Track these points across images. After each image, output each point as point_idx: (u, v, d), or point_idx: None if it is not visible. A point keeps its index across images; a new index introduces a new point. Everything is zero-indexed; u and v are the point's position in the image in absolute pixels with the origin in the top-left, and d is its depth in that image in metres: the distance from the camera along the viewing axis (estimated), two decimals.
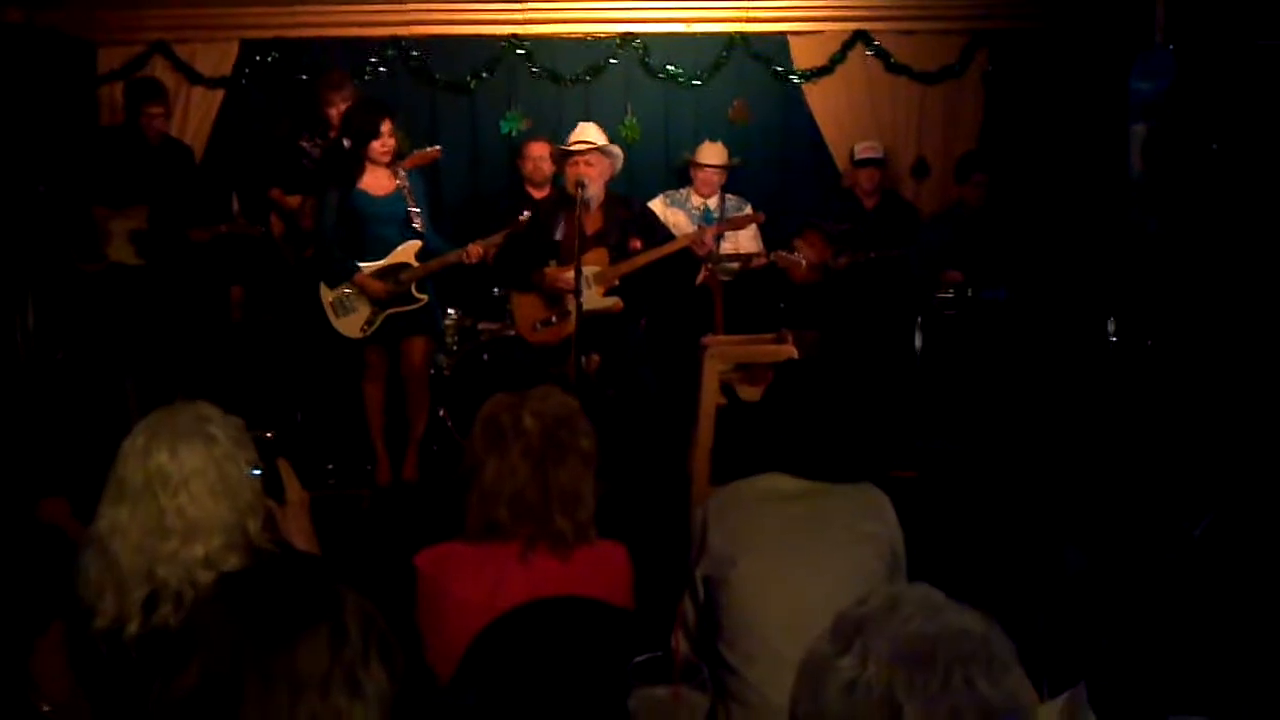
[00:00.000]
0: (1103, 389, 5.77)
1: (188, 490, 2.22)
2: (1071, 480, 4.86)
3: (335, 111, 6.07)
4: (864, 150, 6.87)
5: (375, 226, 5.63)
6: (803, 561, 2.48)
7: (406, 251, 5.67)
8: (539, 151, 6.47)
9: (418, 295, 5.70)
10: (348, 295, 5.66)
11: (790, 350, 4.76)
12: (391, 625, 1.53)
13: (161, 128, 6.33)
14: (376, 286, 5.63)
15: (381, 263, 5.65)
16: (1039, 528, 4.43)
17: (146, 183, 6.16)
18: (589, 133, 5.79)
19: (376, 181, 5.63)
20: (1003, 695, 1.31)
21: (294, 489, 2.55)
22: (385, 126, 5.54)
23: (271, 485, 2.48)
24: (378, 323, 5.68)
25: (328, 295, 5.69)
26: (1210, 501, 3.96)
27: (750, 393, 4.77)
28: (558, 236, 5.82)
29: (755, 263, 6.46)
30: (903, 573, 2.60)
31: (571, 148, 5.70)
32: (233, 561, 2.22)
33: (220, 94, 7.06)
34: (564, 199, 5.82)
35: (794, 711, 1.40)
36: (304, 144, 6.23)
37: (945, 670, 1.30)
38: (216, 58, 7.03)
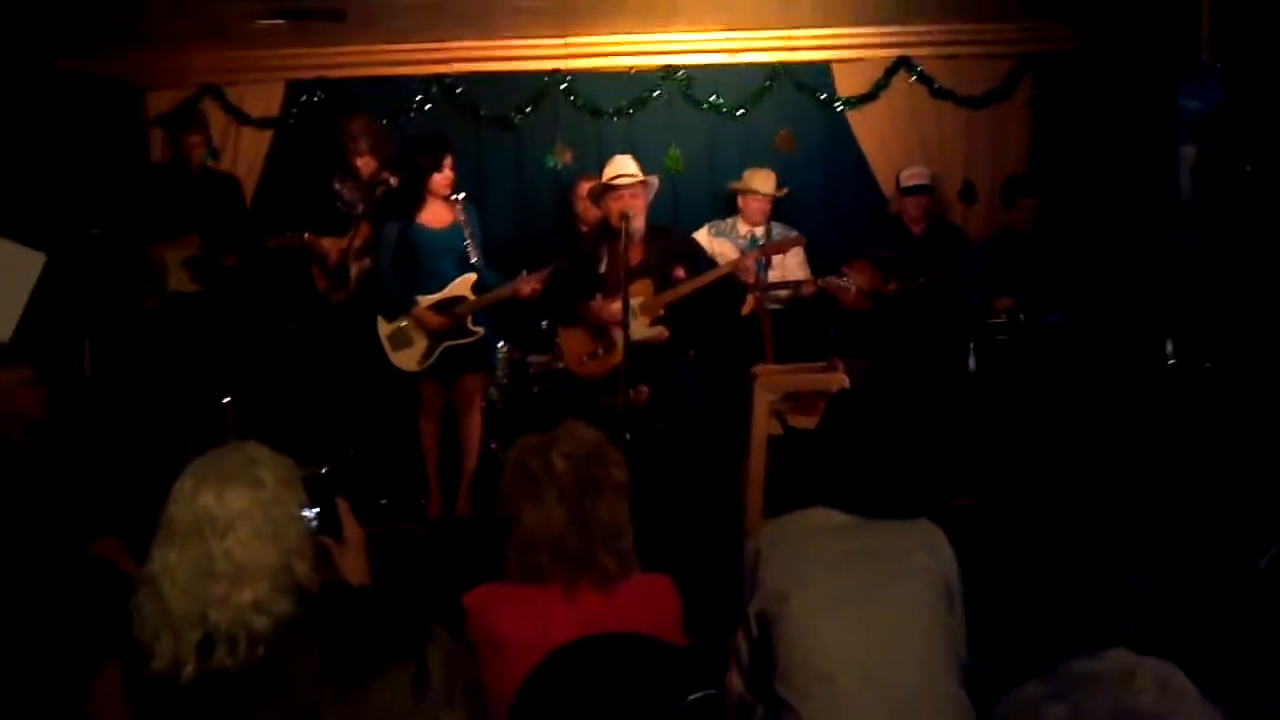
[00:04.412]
0: (1162, 412, 5.68)
1: (234, 534, 2.21)
2: (1132, 507, 4.78)
3: (358, 149, 6.17)
4: (910, 177, 6.81)
5: (432, 260, 5.70)
6: (857, 597, 2.44)
7: (463, 285, 5.72)
8: None
9: (473, 328, 5.74)
10: (405, 328, 5.71)
11: (841, 379, 4.72)
12: None
13: (200, 157, 6.35)
14: (434, 319, 5.68)
15: (439, 296, 5.70)
16: (1098, 556, 4.35)
17: (194, 214, 6.20)
18: (627, 165, 5.79)
19: (435, 215, 5.71)
20: None
21: (351, 528, 2.55)
22: (448, 160, 5.66)
23: (329, 523, 2.47)
24: (435, 355, 5.72)
25: (385, 329, 5.75)
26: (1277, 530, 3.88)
27: (802, 422, 4.73)
28: (601, 269, 5.83)
29: (804, 290, 6.43)
30: (959, 606, 2.56)
31: (616, 182, 5.71)
32: (283, 605, 2.21)
33: (269, 135, 7.16)
34: (606, 232, 5.83)
35: None
36: (336, 186, 6.27)
37: None
38: (264, 99, 7.14)
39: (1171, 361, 5.88)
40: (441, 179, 5.68)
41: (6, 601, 3.40)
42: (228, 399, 5.96)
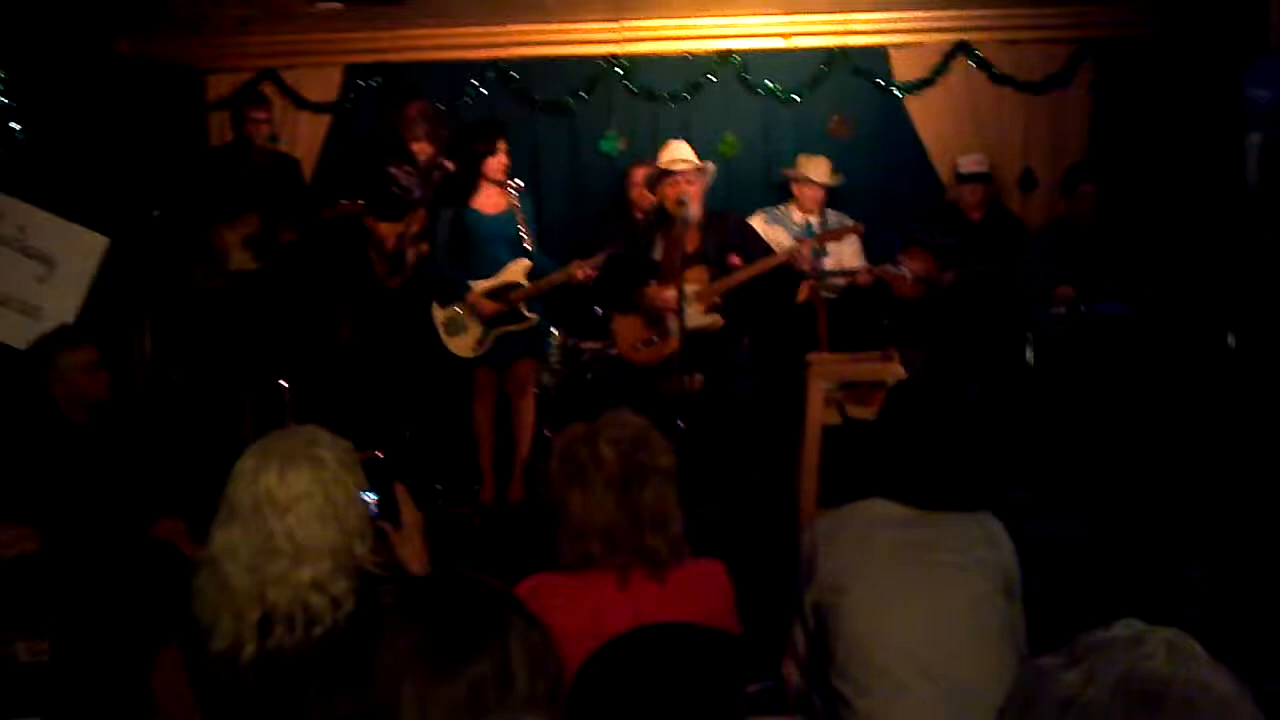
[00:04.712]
0: (1223, 403, 5.59)
1: (295, 513, 2.23)
2: (1193, 497, 4.72)
3: (415, 135, 6.18)
4: (969, 164, 6.72)
5: (486, 245, 5.73)
6: (915, 589, 2.42)
7: (517, 270, 5.73)
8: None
9: (527, 314, 5.75)
10: (459, 314, 5.73)
11: (897, 368, 4.68)
12: None
13: (265, 135, 6.40)
14: (488, 306, 5.70)
15: (493, 281, 5.72)
16: (1158, 548, 4.30)
17: (255, 193, 6.22)
18: (683, 151, 5.77)
19: (489, 200, 5.74)
20: None
21: (409, 512, 2.57)
22: (502, 144, 5.71)
23: (387, 508, 2.49)
24: (489, 342, 5.73)
25: (440, 315, 5.78)
26: None
27: (858, 412, 4.70)
28: (656, 256, 5.81)
29: (861, 279, 6.37)
30: (1019, 599, 2.54)
31: (672, 167, 5.68)
32: (341, 585, 2.23)
33: (327, 119, 7.20)
34: (661, 218, 5.81)
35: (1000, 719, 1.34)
36: (393, 170, 6.29)
37: (1170, 718, 1.19)
38: (322, 83, 7.18)
39: (1233, 353, 5.78)
40: (496, 163, 5.70)
41: (71, 584, 3.46)
42: (285, 383, 6.01)
